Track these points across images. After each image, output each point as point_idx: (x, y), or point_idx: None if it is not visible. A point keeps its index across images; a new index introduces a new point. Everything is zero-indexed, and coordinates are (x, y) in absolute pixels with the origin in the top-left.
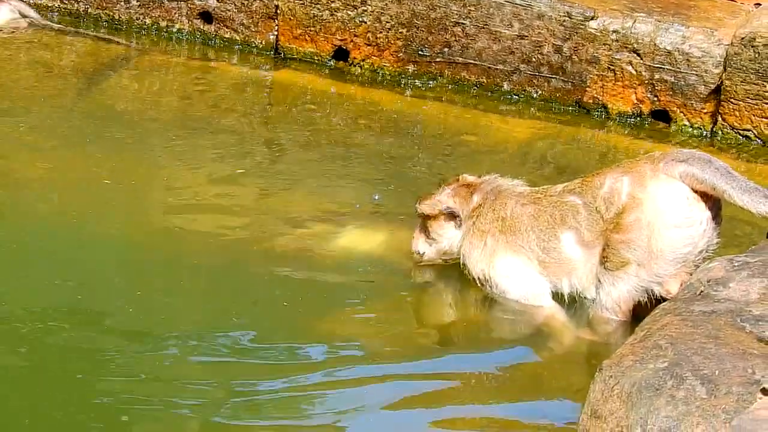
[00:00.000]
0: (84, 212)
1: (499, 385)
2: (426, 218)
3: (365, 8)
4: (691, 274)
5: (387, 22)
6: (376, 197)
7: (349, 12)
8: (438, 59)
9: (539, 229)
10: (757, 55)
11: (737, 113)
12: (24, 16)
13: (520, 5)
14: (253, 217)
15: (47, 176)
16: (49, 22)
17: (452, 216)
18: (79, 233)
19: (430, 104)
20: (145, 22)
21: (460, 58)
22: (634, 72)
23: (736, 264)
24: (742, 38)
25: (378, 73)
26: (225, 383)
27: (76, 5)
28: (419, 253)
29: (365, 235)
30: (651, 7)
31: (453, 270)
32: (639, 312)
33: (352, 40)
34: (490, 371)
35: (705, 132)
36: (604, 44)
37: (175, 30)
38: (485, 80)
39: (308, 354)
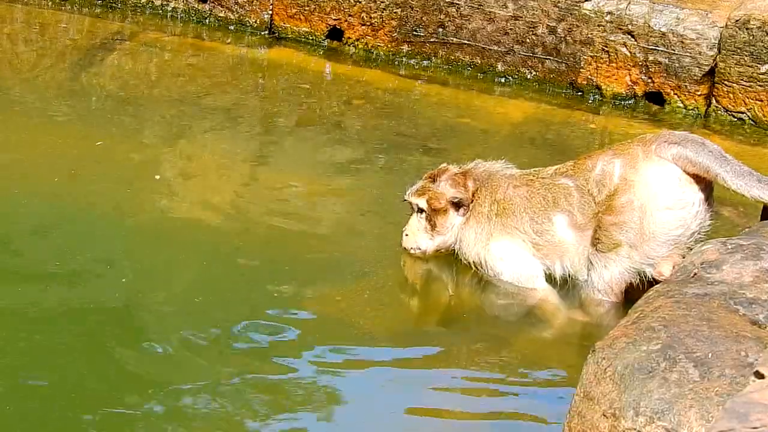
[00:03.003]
0: (77, 190)
1: (491, 366)
2: (433, 212)
3: None
4: (683, 257)
5: (381, 2)
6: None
7: None
8: (432, 39)
9: (532, 211)
10: (751, 38)
11: (731, 95)
12: None
13: None
14: (245, 196)
15: (42, 154)
16: None
17: (457, 206)
18: (72, 211)
19: (424, 84)
20: (140, 0)
21: (455, 39)
22: (628, 53)
23: (729, 246)
24: (737, 20)
25: (372, 52)
26: (215, 366)
27: None
28: (419, 249)
29: (357, 215)
30: None
31: (445, 254)
32: (632, 294)
33: (346, 20)
34: (483, 353)
35: (699, 114)
36: (598, 25)
37: (170, 9)
38: (479, 61)
39: (300, 334)
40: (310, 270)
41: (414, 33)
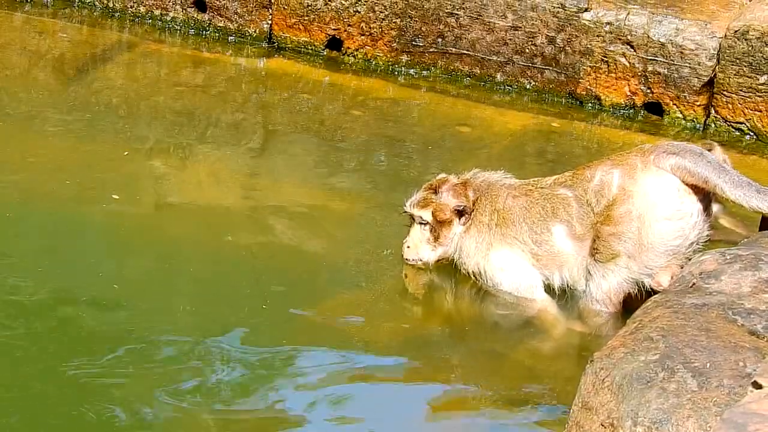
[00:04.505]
0: (74, 203)
1: (490, 376)
2: (438, 224)
3: None
4: (682, 267)
5: (381, 12)
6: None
7: (343, 1)
8: (431, 49)
9: (531, 221)
10: (750, 48)
11: (730, 106)
12: None
13: None
14: (244, 206)
15: (38, 165)
16: None
17: (460, 215)
18: (68, 223)
19: (424, 94)
20: (139, 10)
21: (454, 49)
22: (627, 64)
23: (728, 257)
24: (736, 31)
25: (371, 62)
26: (212, 375)
27: None
28: (421, 260)
29: (356, 225)
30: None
31: (445, 263)
32: (630, 304)
33: (345, 30)
34: (482, 363)
35: (698, 125)
36: (597, 36)
37: (169, 18)
38: (478, 71)
39: (299, 345)
40: (310, 280)
41: (413, 43)
